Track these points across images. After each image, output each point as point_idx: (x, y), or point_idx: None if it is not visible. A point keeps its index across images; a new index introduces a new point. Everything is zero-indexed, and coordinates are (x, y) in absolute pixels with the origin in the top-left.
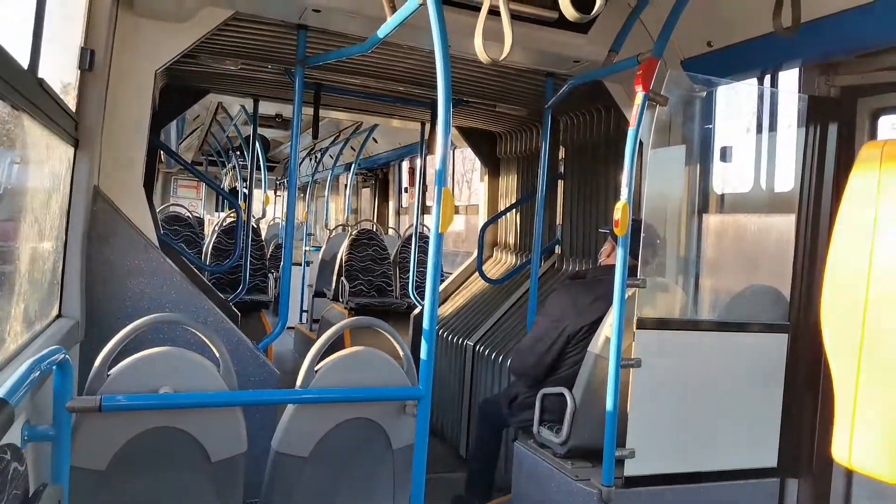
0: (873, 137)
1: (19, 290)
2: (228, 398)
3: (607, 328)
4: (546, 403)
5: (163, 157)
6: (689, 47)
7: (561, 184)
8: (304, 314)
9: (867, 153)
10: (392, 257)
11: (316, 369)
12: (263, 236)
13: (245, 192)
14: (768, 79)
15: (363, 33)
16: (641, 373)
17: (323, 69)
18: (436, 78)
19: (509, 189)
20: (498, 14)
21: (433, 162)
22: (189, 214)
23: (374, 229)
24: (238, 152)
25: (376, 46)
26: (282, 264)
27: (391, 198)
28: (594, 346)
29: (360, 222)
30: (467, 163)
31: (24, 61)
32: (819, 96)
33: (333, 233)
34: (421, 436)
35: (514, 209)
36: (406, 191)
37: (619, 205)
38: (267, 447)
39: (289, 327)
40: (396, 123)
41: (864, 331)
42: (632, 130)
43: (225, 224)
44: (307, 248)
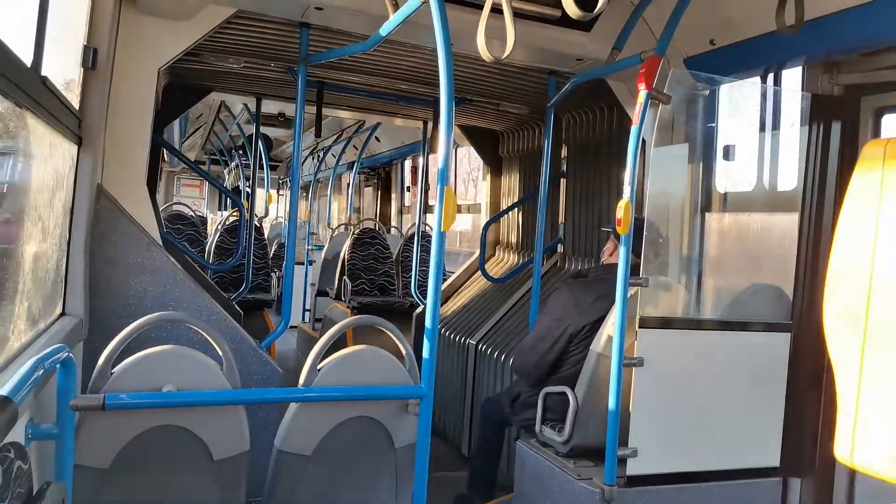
0: (877, 136)
1: (23, 289)
2: (231, 397)
3: (609, 327)
4: (548, 402)
5: (166, 156)
6: (692, 45)
7: (563, 182)
8: (307, 313)
9: (870, 151)
10: (394, 256)
11: (318, 368)
12: (266, 235)
13: (248, 191)
14: (771, 77)
15: (366, 31)
16: (644, 372)
17: (325, 67)
18: (438, 76)
19: (512, 188)
20: (500, 12)
21: (436, 161)
22: (192, 213)
23: (377, 228)
24: (241, 151)
25: (379, 45)
26: (284, 263)
27: (394, 197)
28: (596, 345)
29: (362, 221)
30: (473, 161)
31: (28, 59)
32: (822, 95)
33: (336, 232)
34: (423, 434)
35: (517, 208)
36: (408, 190)
37: (622, 203)
38: (270, 446)
39: (291, 326)
40: (399, 122)
41: (866, 329)
42: (634, 129)
43: (228, 223)
44: (310, 248)
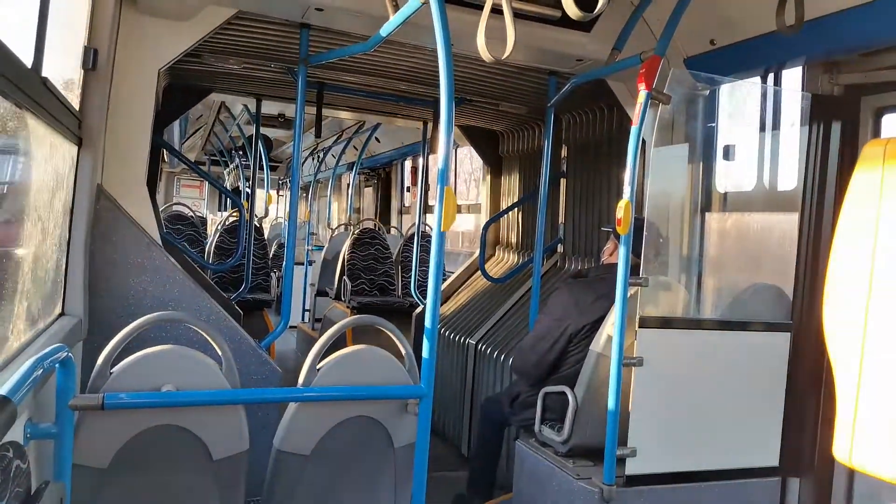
0: (877, 136)
1: (22, 288)
2: (230, 396)
3: (609, 327)
4: (548, 402)
5: (166, 157)
6: (692, 45)
7: (563, 182)
8: (307, 313)
9: (870, 151)
10: (394, 256)
11: (318, 368)
12: (266, 236)
13: (248, 192)
14: (771, 77)
15: (366, 32)
16: (643, 372)
17: (325, 68)
18: (438, 76)
19: (511, 188)
20: (500, 12)
21: (436, 161)
22: (192, 214)
23: (377, 228)
24: (241, 152)
25: (379, 45)
26: (284, 263)
27: (393, 197)
28: (596, 345)
29: (362, 221)
30: (475, 161)
31: (29, 60)
32: (822, 95)
33: (336, 232)
34: (422, 434)
35: (517, 208)
36: (408, 190)
37: (622, 203)
38: (269, 445)
39: (291, 326)
40: (399, 122)
41: (866, 330)
42: (634, 129)
43: (228, 223)
44: (309, 248)
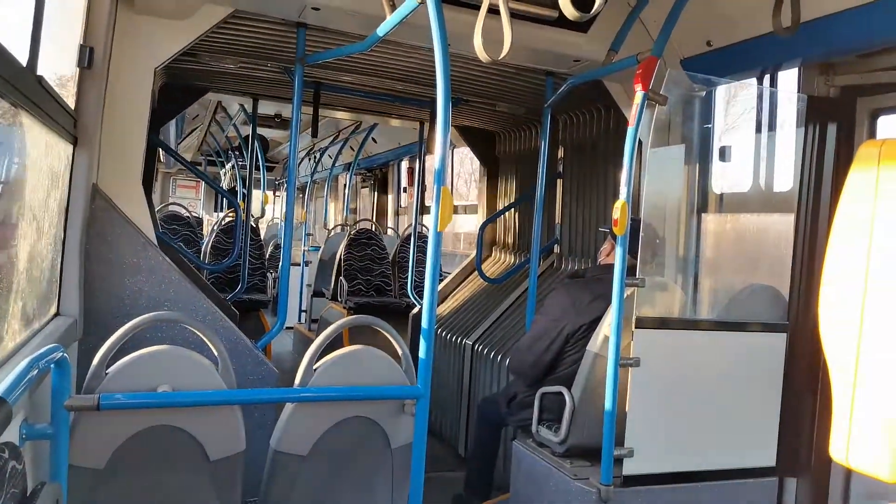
0: (872, 137)
1: (17, 288)
2: (227, 397)
3: (606, 327)
4: (545, 402)
5: (162, 157)
6: (689, 47)
7: (560, 183)
8: (303, 314)
9: (865, 152)
10: (391, 257)
11: (315, 368)
12: (262, 236)
13: (244, 192)
14: (768, 78)
15: (363, 32)
16: (640, 372)
17: (322, 68)
18: (435, 77)
19: (508, 188)
20: (497, 13)
21: (432, 161)
22: (188, 214)
23: (373, 229)
24: (237, 152)
25: (376, 45)
26: (280, 264)
27: (390, 198)
28: (593, 346)
29: (358, 222)
30: (475, 161)
31: (24, 59)
32: (818, 96)
33: (332, 233)
34: (419, 435)
35: (513, 208)
36: (405, 190)
37: (618, 204)
38: (265, 446)
39: (287, 327)
40: (395, 123)
41: (861, 329)
42: (631, 130)
43: (224, 223)
44: (306, 248)
